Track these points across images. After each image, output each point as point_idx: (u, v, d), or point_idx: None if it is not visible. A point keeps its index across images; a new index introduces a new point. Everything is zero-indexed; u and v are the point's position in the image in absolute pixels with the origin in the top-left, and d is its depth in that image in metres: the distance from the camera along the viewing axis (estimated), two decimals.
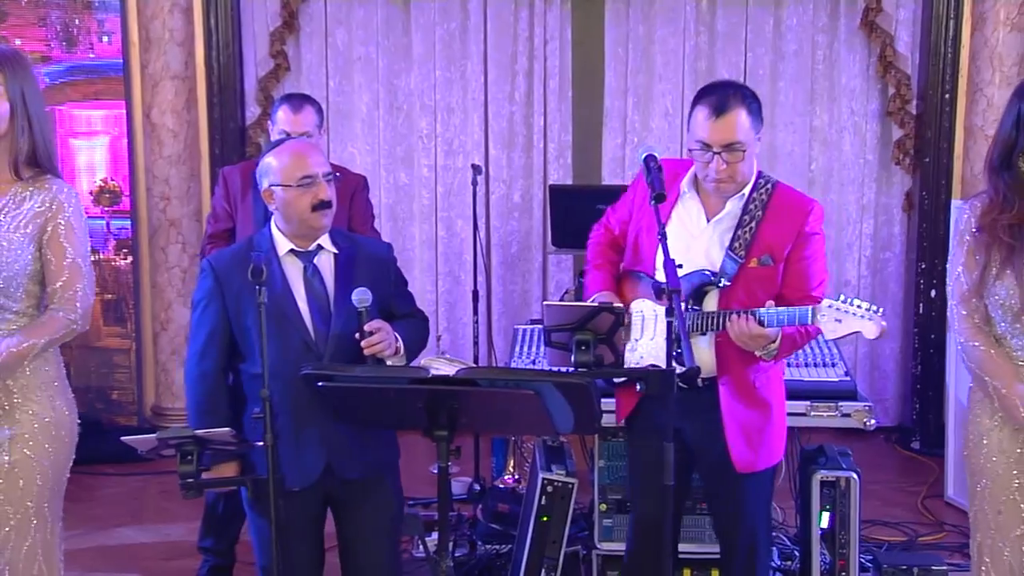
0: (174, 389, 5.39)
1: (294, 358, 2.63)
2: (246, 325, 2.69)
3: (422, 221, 5.65)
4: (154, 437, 2.45)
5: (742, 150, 2.67)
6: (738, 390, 2.77)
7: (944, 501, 4.66)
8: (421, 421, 2.32)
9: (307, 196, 2.67)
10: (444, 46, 5.53)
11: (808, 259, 2.76)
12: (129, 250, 5.38)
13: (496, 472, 4.62)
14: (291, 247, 2.74)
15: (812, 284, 2.76)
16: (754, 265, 2.71)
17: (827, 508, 3.43)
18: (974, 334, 2.57)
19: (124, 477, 4.93)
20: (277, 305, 2.66)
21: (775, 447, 2.88)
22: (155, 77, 5.20)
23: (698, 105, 2.70)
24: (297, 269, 2.74)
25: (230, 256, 2.80)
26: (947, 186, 5.37)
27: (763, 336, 2.62)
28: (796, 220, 2.75)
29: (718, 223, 2.76)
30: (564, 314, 2.51)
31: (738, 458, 2.78)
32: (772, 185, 2.79)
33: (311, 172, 2.67)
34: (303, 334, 2.68)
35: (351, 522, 2.82)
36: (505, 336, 5.54)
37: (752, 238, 2.72)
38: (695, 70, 5.50)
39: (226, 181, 3.76)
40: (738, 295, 2.71)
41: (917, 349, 5.50)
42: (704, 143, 2.67)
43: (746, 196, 2.76)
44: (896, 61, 5.36)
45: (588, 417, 2.31)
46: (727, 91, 2.71)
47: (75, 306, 2.58)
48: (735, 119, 2.65)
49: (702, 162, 2.69)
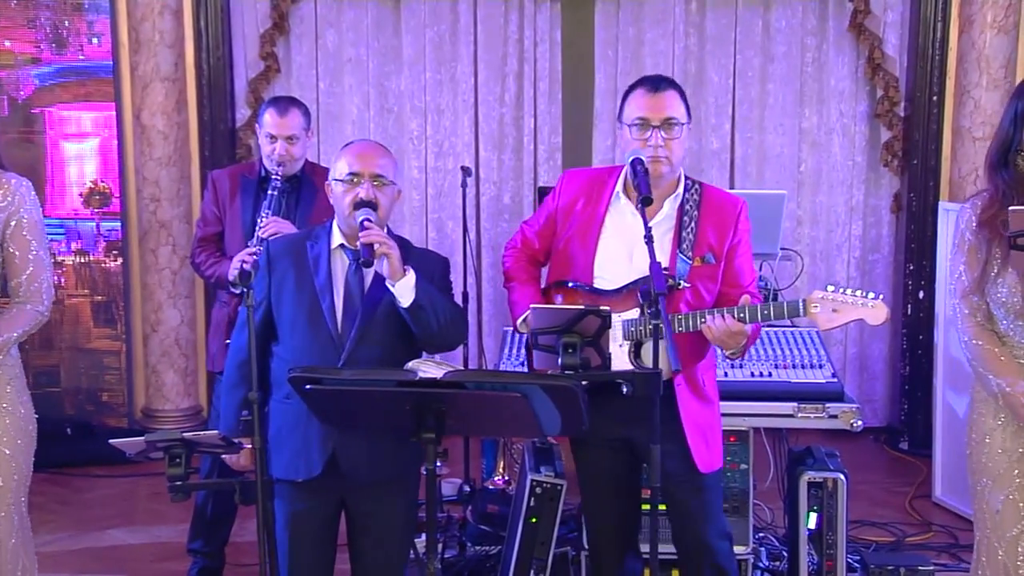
0: (164, 391, 5.39)
1: (319, 350, 2.69)
2: (282, 309, 2.76)
3: (412, 223, 5.66)
4: (142, 440, 2.46)
5: (679, 125, 2.72)
6: (692, 389, 2.78)
7: (932, 501, 4.68)
8: (408, 424, 2.32)
9: (349, 194, 2.70)
10: (434, 48, 5.54)
11: (743, 256, 2.82)
12: (119, 252, 5.37)
13: (486, 473, 4.63)
14: (342, 242, 2.77)
15: (748, 279, 2.82)
16: (698, 264, 2.74)
17: (815, 509, 3.45)
18: (977, 332, 2.58)
19: (114, 479, 4.92)
20: (314, 297, 2.72)
21: (720, 446, 2.90)
22: (145, 79, 5.19)
23: (633, 91, 2.78)
24: (344, 264, 2.77)
25: (287, 239, 2.90)
26: (935, 188, 5.40)
27: (743, 334, 2.63)
28: (730, 218, 2.80)
29: (657, 226, 2.74)
30: (551, 317, 2.51)
31: (699, 458, 2.77)
32: (700, 185, 2.84)
33: (357, 170, 2.71)
34: (331, 328, 2.71)
35: (363, 526, 2.82)
36: (495, 338, 5.55)
37: (695, 238, 2.75)
38: (685, 72, 5.52)
39: (215, 185, 3.76)
40: (687, 295, 2.74)
41: (905, 350, 5.52)
42: (642, 119, 2.71)
43: (680, 196, 2.79)
44: (884, 63, 5.39)
45: (575, 419, 2.31)
46: (659, 77, 2.82)
47: (42, 298, 2.62)
48: (671, 96, 2.74)
49: (640, 139, 2.71)
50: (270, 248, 2.85)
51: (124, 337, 5.40)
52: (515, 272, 2.97)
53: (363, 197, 2.68)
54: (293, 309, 2.75)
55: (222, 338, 3.66)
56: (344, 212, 2.72)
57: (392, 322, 2.70)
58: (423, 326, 2.68)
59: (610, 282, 2.77)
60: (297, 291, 2.75)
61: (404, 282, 2.63)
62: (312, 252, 2.78)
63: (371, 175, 2.71)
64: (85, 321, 5.38)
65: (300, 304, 2.74)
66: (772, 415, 3.42)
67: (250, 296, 2.49)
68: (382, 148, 2.83)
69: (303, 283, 2.75)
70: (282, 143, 3.58)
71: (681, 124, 2.73)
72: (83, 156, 5.30)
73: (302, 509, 2.76)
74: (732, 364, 3.45)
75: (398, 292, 2.64)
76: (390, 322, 2.70)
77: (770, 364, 3.51)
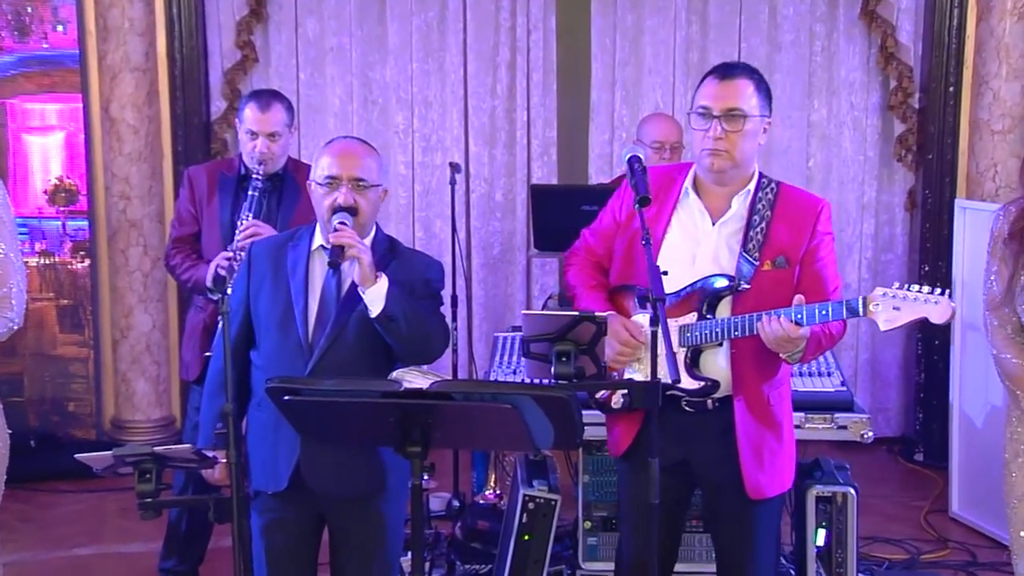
0: (135, 401, 5.39)
1: (287, 356, 2.71)
2: (259, 312, 2.79)
3: (398, 222, 5.67)
4: (110, 455, 2.46)
5: (743, 117, 2.66)
6: (753, 408, 2.72)
7: (949, 516, 4.71)
8: (393, 437, 2.33)
9: (328, 198, 2.71)
10: (421, 36, 5.55)
11: (824, 260, 2.75)
12: (87, 253, 5.38)
13: (476, 487, 4.64)
14: (322, 244, 2.78)
15: (830, 287, 2.75)
16: (768, 268, 2.69)
17: (823, 525, 3.47)
18: (1007, 345, 2.58)
19: (81, 494, 4.92)
20: (288, 301, 2.74)
21: (786, 472, 2.83)
22: (114, 69, 5.19)
23: (706, 78, 2.75)
24: (323, 266, 2.77)
25: (270, 241, 2.94)
26: (951, 184, 5.42)
27: (801, 338, 2.57)
28: (808, 219, 2.74)
29: (723, 225, 2.74)
30: (543, 323, 2.52)
31: (750, 483, 2.72)
32: (776, 184, 2.79)
33: (336, 174, 2.71)
34: (301, 334, 2.73)
35: (341, 543, 2.84)
36: (486, 343, 5.56)
37: (764, 239, 2.70)
38: (686, 62, 5.55)
39: (191, 182, 3.76)
40: (752, 301, 2.67)
41: (920, 356, 5.55)
42: (704, 107, 2.68)
43: (751, 194, 2.75)
44: (898, 52, 5.42)
45: (569, 432, 2.32)
46: (738, 63, 2.80)
47: (11, 303, 2.61)
48: (741, 85, 2.68)
49: (701, 131, 2.68)
50: (252, 250, 2.87)
51: (92, 343, 5.40)
52: (577, 280, 2.90)
53: (341, 203, 2.69)
54: (268, 312, 2.77)
55: (197, 345, 3.67)
56: (323, 216, 2.74)
57: (366, 330, 2.71)
58: (394, 337, 2.69)
59: (670, 285, 2.66)
60: (273, 294, 2.77)
61: (375, 289, 2.64)
62: (292, 254, 2.80)
63: (351, 179, 2.71)
64: (50, 326, 5.38)
65: (274, 308, 2.76)
66: None
67: (225, 302, 2.50)
68: (365, 147, 2.82)
69: (279, 286, 2.77)
70: (263, 140, 3.58)
71: (747, 116, 2.67)
72: (48, 151, 5.30)
73: (274, 520, 2.79)
74: None
75: (368, 299, 2.65)
76: (364, 330, 2.71)
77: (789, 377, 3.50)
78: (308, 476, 2.72)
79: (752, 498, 2.74)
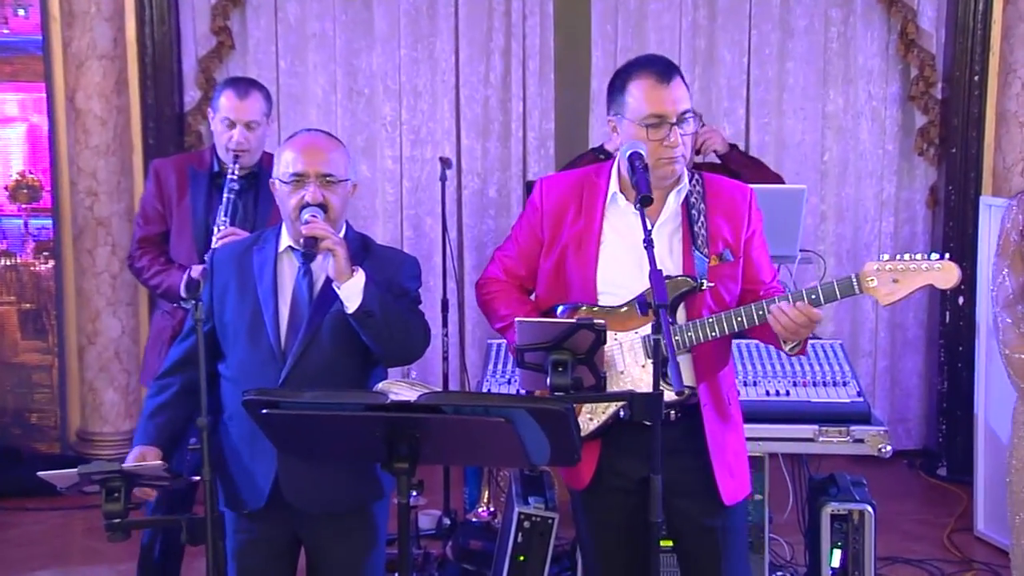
0: (103, 411, 5.39)
1: (259, 364, 2.73)
2: (224, 321, 2.79)
3: (386, 220, 5.67)
4: (75, 472, 2.47)
5: (693, 117, 2.70)
6: (717, 411, 2.77)
7: (974, 535, 4.72)
8: (379, 452, 2.34)
9: (295, 196, 2.73)
10: (410, 21, 5.56)
11: (759, 248, 2.82)
12: (51, 253, 5.38)
13: (469, 504, 4.65)
14: (291, 244, 2.80)
15: (769, 274, 2.82)
16: (715, 263, 2.73)
17: (838, 545, 3.48)
18: (1020, 345, 2.60)
19: (44, 512, 4.92)
20: (256, 306, 2.76)
21: (747, 473, 2.87)
22: (80, 56, 5.19)
23: (636, 79, 2.69)
24: (292, 269, 2.80)
25: (233, 245, 2.94)
26: (976, 180, 5.44)
27: (818, 319, 2.57)
28: (741, 208, 2.79)
29: (663, 226, 2.74)
30: (539, 332, 2.52)
31: (724, 488, 2.75)
32: (699, 174, 2.84)
33: (302, 170, 2.73)
34: (272, 340, 2.75)
35: (319, 563, 2.85)
36: (479, 349, 5.57)
37: (707, 233, 2.74)
38: (693, 49, 5.56)
39: (158, 177, 3.75)
40: (708, 299, 2.72)
41: (943, 363, 5.56)
42: (658, 116, 2.65)
43: (686, 189, 2.77)
44: (919, 39, 5.43)
45: (566, 447, 2.32)
46: (661, 58, 2.75)
47: None
48: (680, 85, 2.70)
49: (655, 140, 2.66)
50: (214, 256, 2.89)
51: (56, 350, 5.40)
52: (509, 309, 2.86)
53: (309, 201, 2.70)
54: (235, 320, 2.78)
55: (163, 352, 3.66)
56: (290, 215, 2.75)
57: (342, 332, 2.73)
58: (373, 335, 2.70)
59: (617, 296, 2.71)
60: (239, 301, 2.79)
61: (351, 284, 2.66)
62: (258, 257, 2.82)
63: (318, 175, 2.73)
64: (11, 332, 5.38)
65: (241, 314, 2.78)
66: (790, 439, 3.44)
67: (199, 309, 2.51)
68: (331, 140, 2.85)
69: (246, 291, 2.79)
70: (241, 129, 3.58)
71: (694, 115, 2.71)
72: (8, 144, 5.30)
73: (248, 542, 2.80)
74: (745, 382, 3.48)
75: (344, 295, 2.67)
76: (340, 332, 2.73)
77: (788, 381, 3.53)
78: (288, 492, 2.73)
79: (727, 504, 2.76)
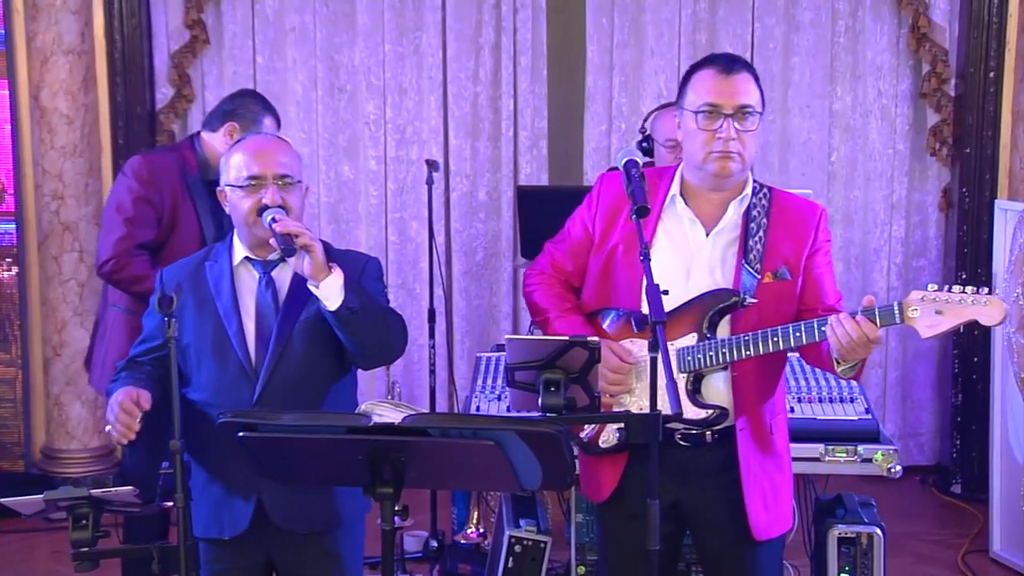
0: (69, 427, 5.39)
1: (230, 383, 2.74)
2: (184, 343, 2.78)
3: (370, 224, 5.68)
4: (40, 498, 2.47)
5: (755, 115, 2.72)
6: (756, 439, 2.77)
7: (989, 557, 4.74)
8: (362, 476, 2.35)
9: (251, 199, 2.74)
10: (395, 15, 5.57)
11: (825, 269, 2.83)
12: (14, 260, 5.36)
13: (457, 526, 4.66)
14: (247, 255, 2.81)
15: (833, 297, 2.82)
16: (769, 280, 2.74)
17: (846, 569, 3.49)
18: None
19: (7, 535, 4.91)
20: (218, 324, 2.77)
21: (788, 508, 2.89)
22: (44, 51, 5.19)
23: (700, 71, 2.76)
24: (252, 280, 2.81)
25: (181, 264, 2.94)
26: (991, 181, 5.46)
27: (879, 340, 2.59)
28: (806, 227, 2.81)
29: (718, 235, 2.78)
30: (530, 349, 2.54)
31: (755, 522, 2.76)
32: (769, 189, 2.85)
33: (257, 173, 2.75)
34: (241, 356, 2.76)
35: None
36: (468, 360, 5.58)
37: (764, 249, 2.76)
38: (693, 43, 5.57)
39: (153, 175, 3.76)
40: (753, 316, 2.72)
41: (957, 375, 5.58)
42: (712, 105, 2.70)
43: (747, 200, 2.80)
44: (931, 33, 5.45)
45: (559, 471, 2.34)
46: (733, 55, 2.82)
47: None
48: (748, 80, 2.74)
49: (708, 131, 2.70)
50: (164, 276, 2.89)
51: (20, 362, 5.39)
52: (548, 303, 2.90)
53: (268, 203, 2.72)
54: (196, 341, 2.78)
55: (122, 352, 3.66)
56: (247, 220, 2.76)
57: (314, 339, 2.75)
58: (355, 334, 2.71)
59: (667, 303, 2.61)
60: (198, 321, 2.79)
61: (329, 282, 2.66)
62: (212, 272, 2.82)
63: (275, 176, 2.75)
64: None
65: (202, 334, 2.78)
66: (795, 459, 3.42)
67: (172, 326, 2.51)
68: (282, 143, 2.89)
69: (205, 311, 2.79)
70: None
71: (757, 113, 2.73)
72: None
73: (221, 571, 2.81)
74: None
75: (323, 294, 2.67)
76: (312, 339, 2.75)
77: (792, 397, 3.54)
78: (274, 513, 2.75)
79: (757, 539, 2.77)
